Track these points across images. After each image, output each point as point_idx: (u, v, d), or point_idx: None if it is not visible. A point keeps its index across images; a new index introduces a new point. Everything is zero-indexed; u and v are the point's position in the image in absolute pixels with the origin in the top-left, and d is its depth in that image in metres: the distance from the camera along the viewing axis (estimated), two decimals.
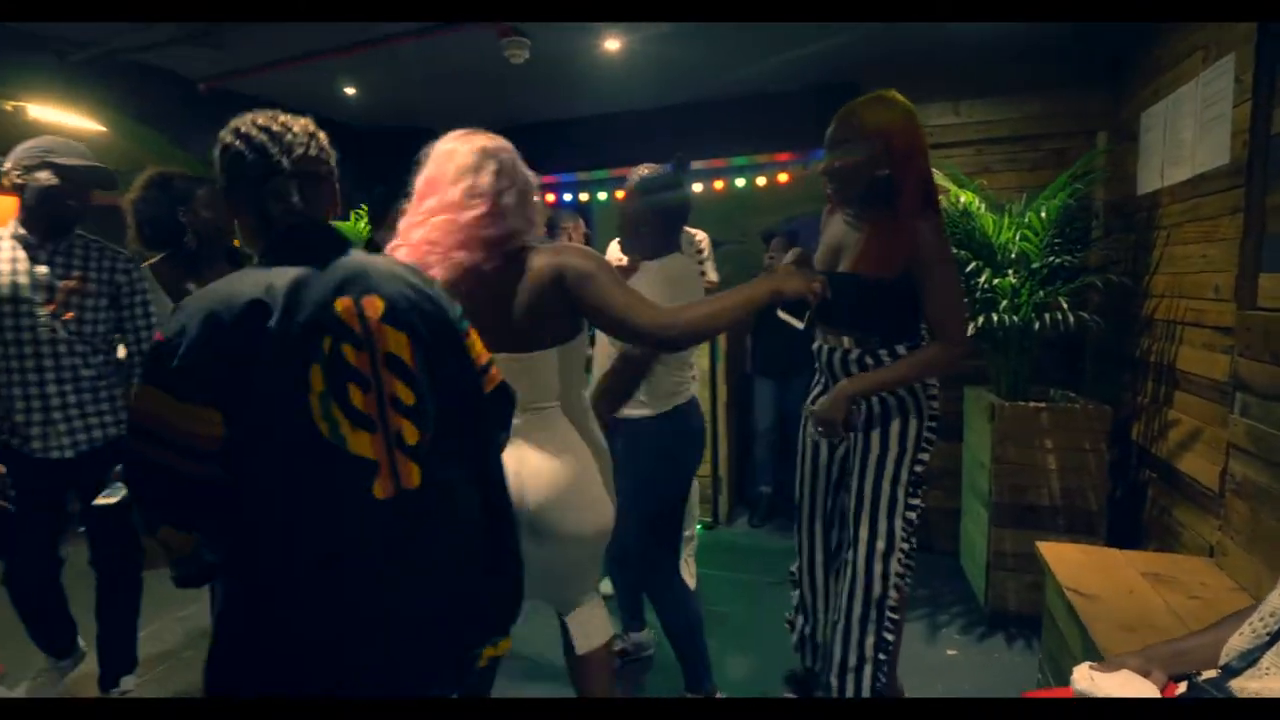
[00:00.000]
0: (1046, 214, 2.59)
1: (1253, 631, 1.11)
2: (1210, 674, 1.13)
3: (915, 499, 1.78)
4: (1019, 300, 2.60)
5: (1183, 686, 1.15)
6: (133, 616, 2.19)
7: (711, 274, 3.33)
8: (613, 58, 3.32)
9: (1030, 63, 3.18)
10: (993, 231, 2.67)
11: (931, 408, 1.78)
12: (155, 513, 1.01)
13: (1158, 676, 1.13)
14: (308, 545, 1.01)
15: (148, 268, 2.18)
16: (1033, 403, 2.61)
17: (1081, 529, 2.51)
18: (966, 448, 3.05)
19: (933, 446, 1.80)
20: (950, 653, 2.48)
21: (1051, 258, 2.63)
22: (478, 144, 1.42)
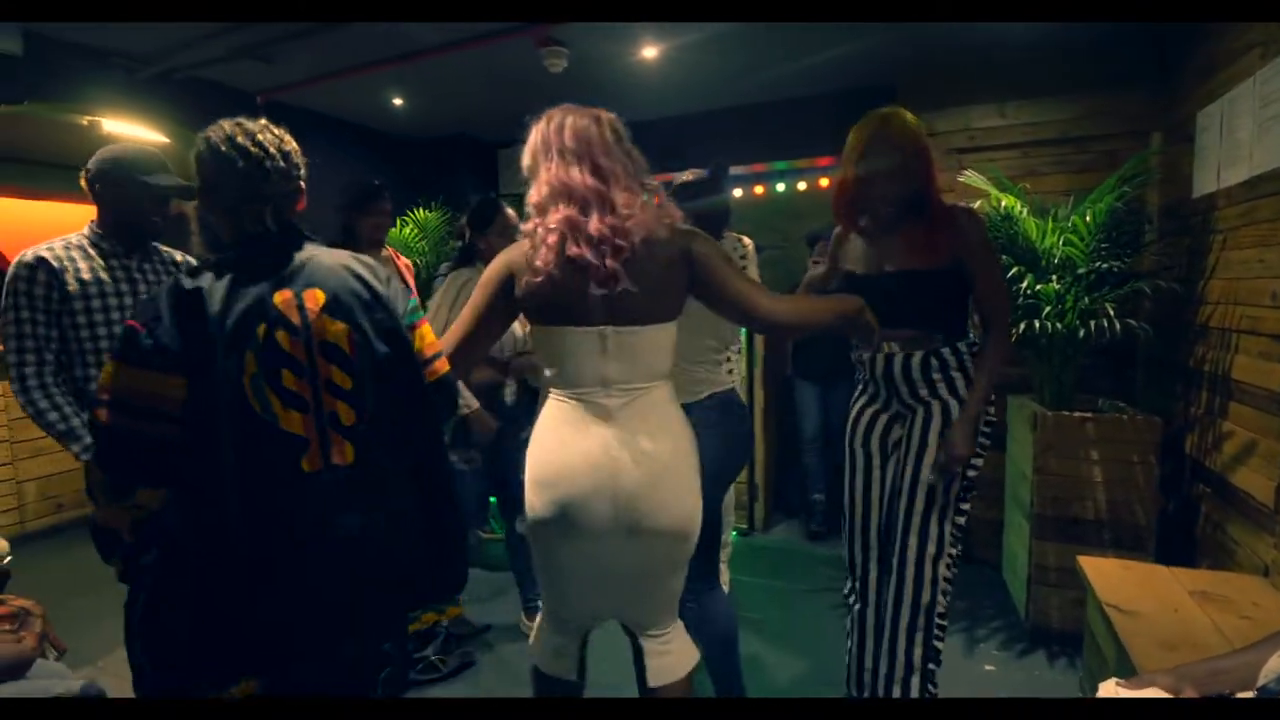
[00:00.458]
0: (1093, 218, 2.51)
1: None
2: (1246, 695, 1.08)
3: (965, 504, 1.77)
4: (1064, 307, 2.52)
5: None
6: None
7: (754, 277, 3.31)
8: (650, 65, 3.34)
9: (1078, 62, 3.09)
10: (1036, 236, 2.60)
11: (987, 412, 1.77)
12: (128, 475, 1.11)
13: (1189, 697, 1.09)
14: (241, 507, 1.12)
15: None
16: (1078, 412, 2.53)
17: (1129, 544, 2.42)
18: (1009, 458, 2.97)
19: (985, 451, 1.78)
20: (988, 668, 2.42)
21: (1098, 263, 2.54)
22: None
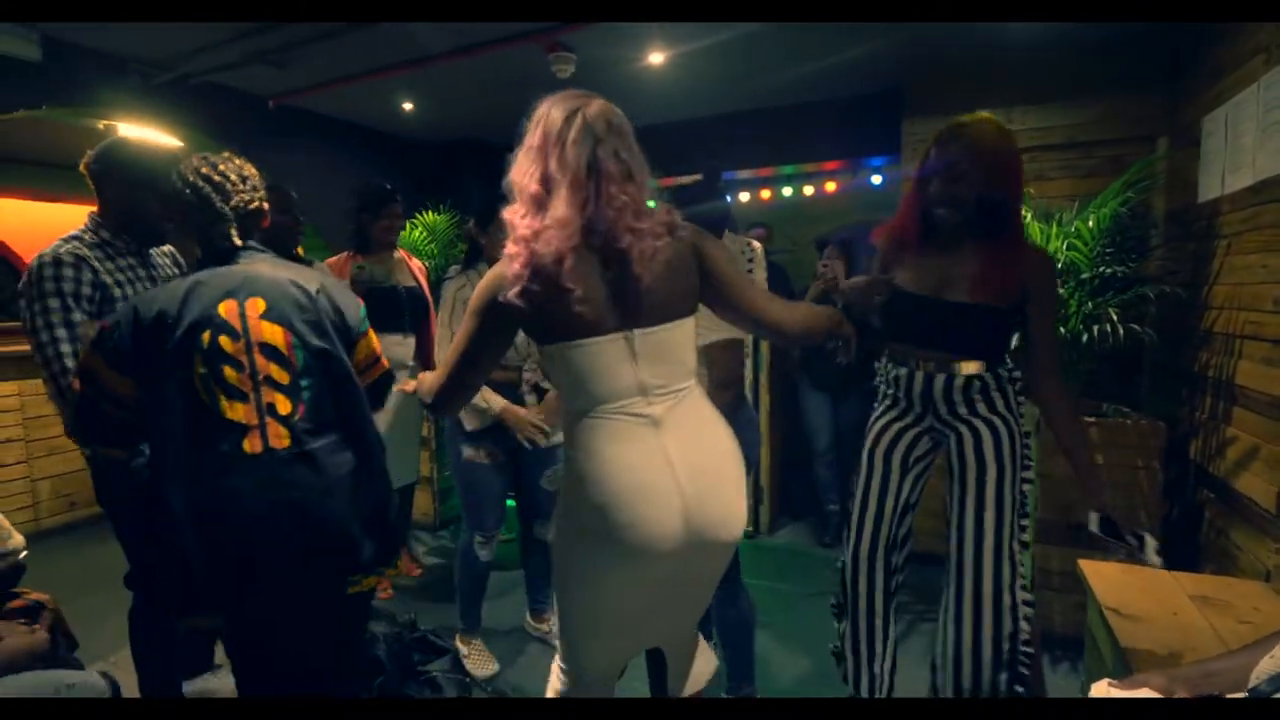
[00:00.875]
0: (1097, 223, 2.51)
1: None
2: (1238, 697, 1.09)
3: (1024, 519, 1.69)
4: (1068, 312, 2.53)
5: None
6: None
7: (760, 280, 3.32)
8: (657, 71, 3.37)
9: (1085, 67, 3.10)
10: (1041, 241, 2.61)
11: (1024, 432, 1.70)
12: (90, 436, 1.43)
13: (1180, 698, 1.10)
14: (194, 482, 1.32)
15: None
16: (1082, 417, 2.53)
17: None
18: None
19: (1032, 463, 1.72)
20: None
21: (1103, 268, 2.55)
22: None
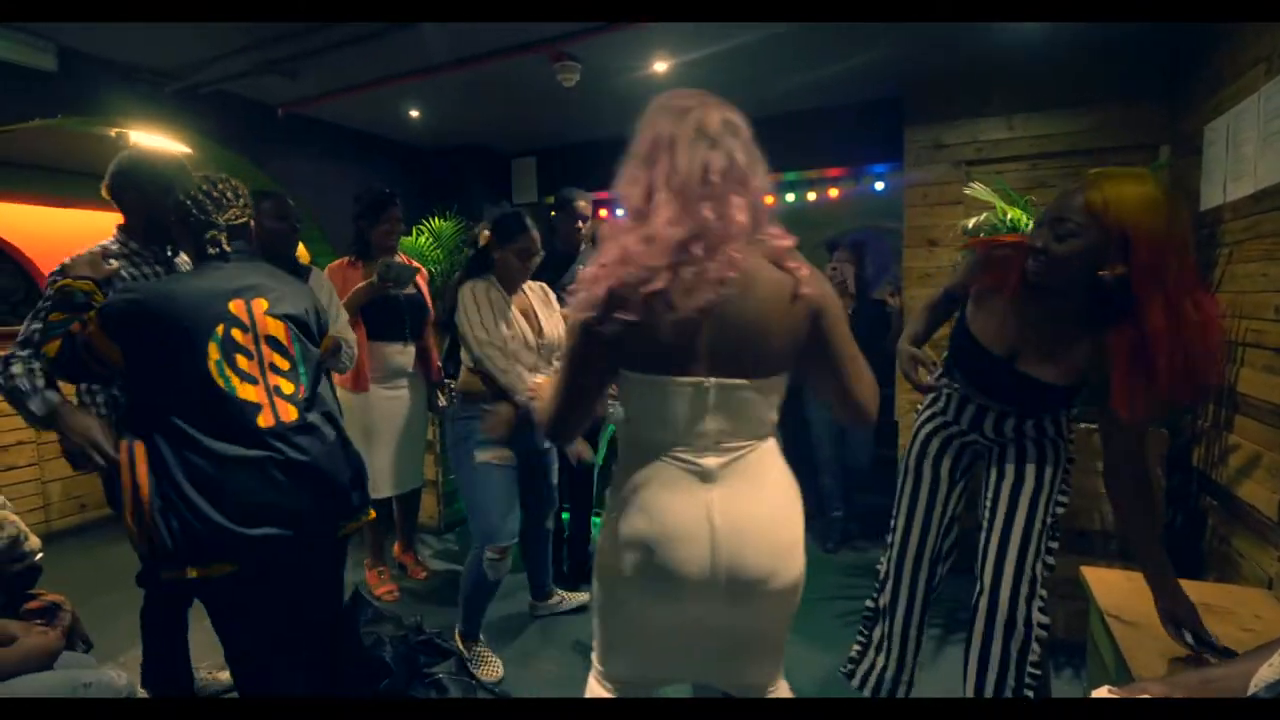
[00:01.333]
0: None
1: None
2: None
3: (1054, 541, 1.67)
4: None
5: None
6: None
7: None
8: (661, 79, 3.40)
9: (1087, 74, 3.11)
10: None
11: (1069, 441, 1.68)
12: (65, 373, 1.63)
13: (1179, 699, 1.11)
14: (207, 454, 1.51)
15: None
16: (1084, 424, 2.54)
17: (1135, 556, 2.42)
18: None
19: (1070, 487, 1.67)
20: None
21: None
22: None
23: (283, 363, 1.64)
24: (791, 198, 4.73)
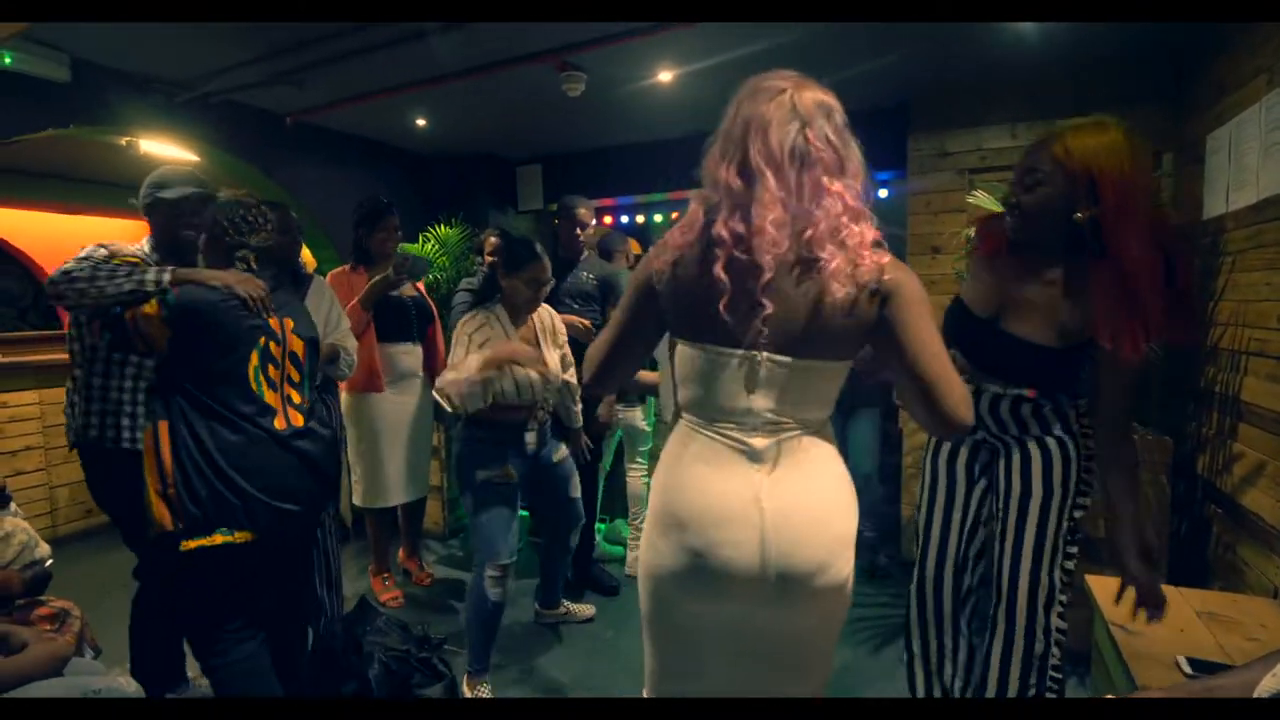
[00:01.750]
0: None
1: None
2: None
3: (1073, 547, 1.62)
4: None
5: None
6: None
7: None
8: (666, 88, 3.42)
9: (1090, 83, 3.13)
10: None
11: (1087, 447, 1.60)
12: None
13: (1179, 699, 1.12)
14: (236, 443, 1.71)
15: None
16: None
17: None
18: None
19: (1090, 490, 1.61)
20: None
21: None
22: None
23: (296, 376, 1.88)
24: None
